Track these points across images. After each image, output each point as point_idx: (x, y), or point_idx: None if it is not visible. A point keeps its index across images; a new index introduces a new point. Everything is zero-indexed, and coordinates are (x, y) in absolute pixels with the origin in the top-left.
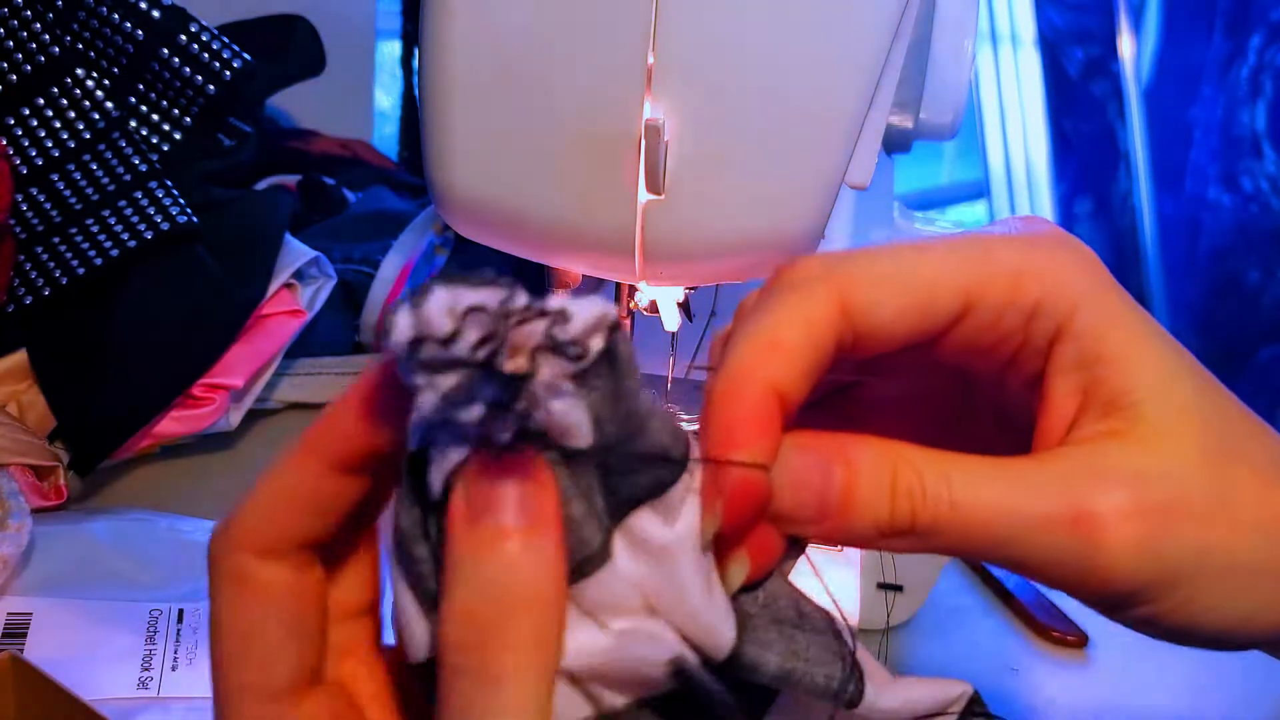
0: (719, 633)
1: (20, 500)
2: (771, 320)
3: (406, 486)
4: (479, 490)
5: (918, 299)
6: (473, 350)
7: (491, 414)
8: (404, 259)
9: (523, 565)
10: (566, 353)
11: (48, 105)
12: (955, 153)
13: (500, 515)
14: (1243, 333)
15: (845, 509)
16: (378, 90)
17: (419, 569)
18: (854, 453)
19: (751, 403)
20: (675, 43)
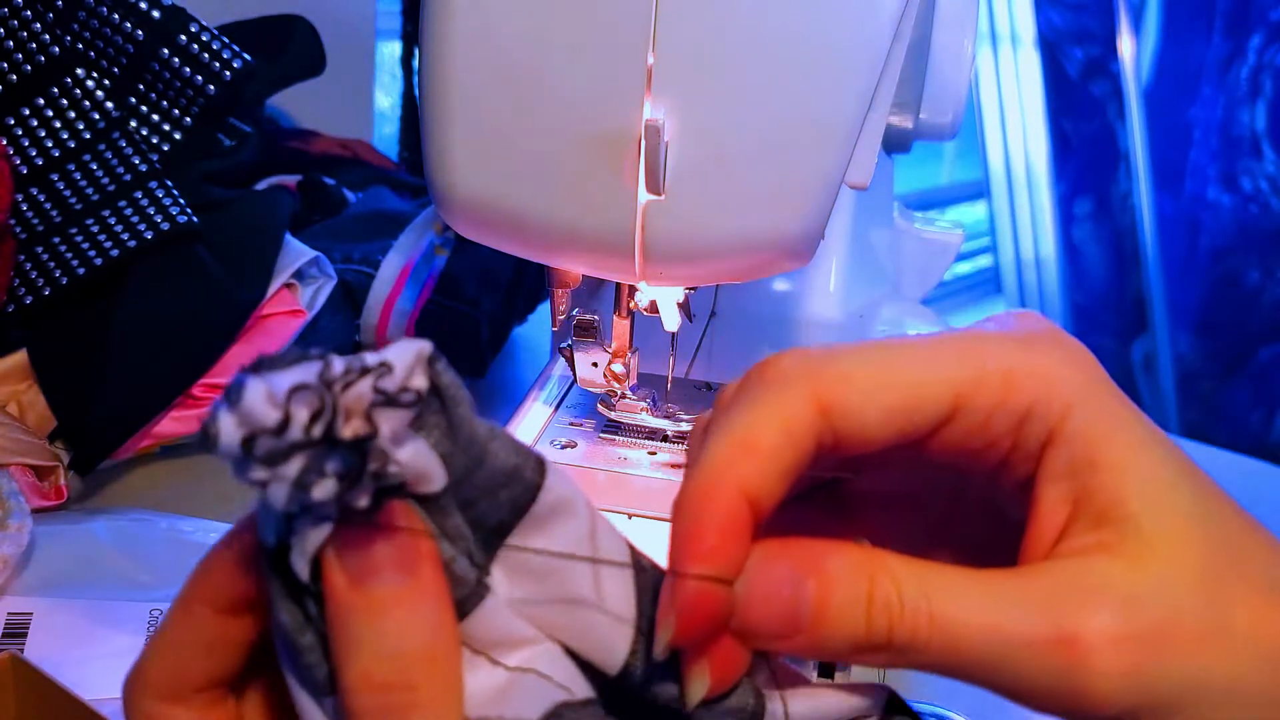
0: (612, 647)
1: (20, 500)
2: (747, 420)
3: (277, 584)
4: (351, 558)
5: (902, 401)
6: (307, 430)
7: (346, 484)
8: (404, 259)
9: (412, 621)
10: (400, 401)
11: (48, 105)
12: (955, 153)
13: (379, 577)
14: (1242, 333)
15: (818, 624)
16: (378, 90)
17: (307, 659)
18: (828, 563)
19: (719, 510)
20: (675, 43)
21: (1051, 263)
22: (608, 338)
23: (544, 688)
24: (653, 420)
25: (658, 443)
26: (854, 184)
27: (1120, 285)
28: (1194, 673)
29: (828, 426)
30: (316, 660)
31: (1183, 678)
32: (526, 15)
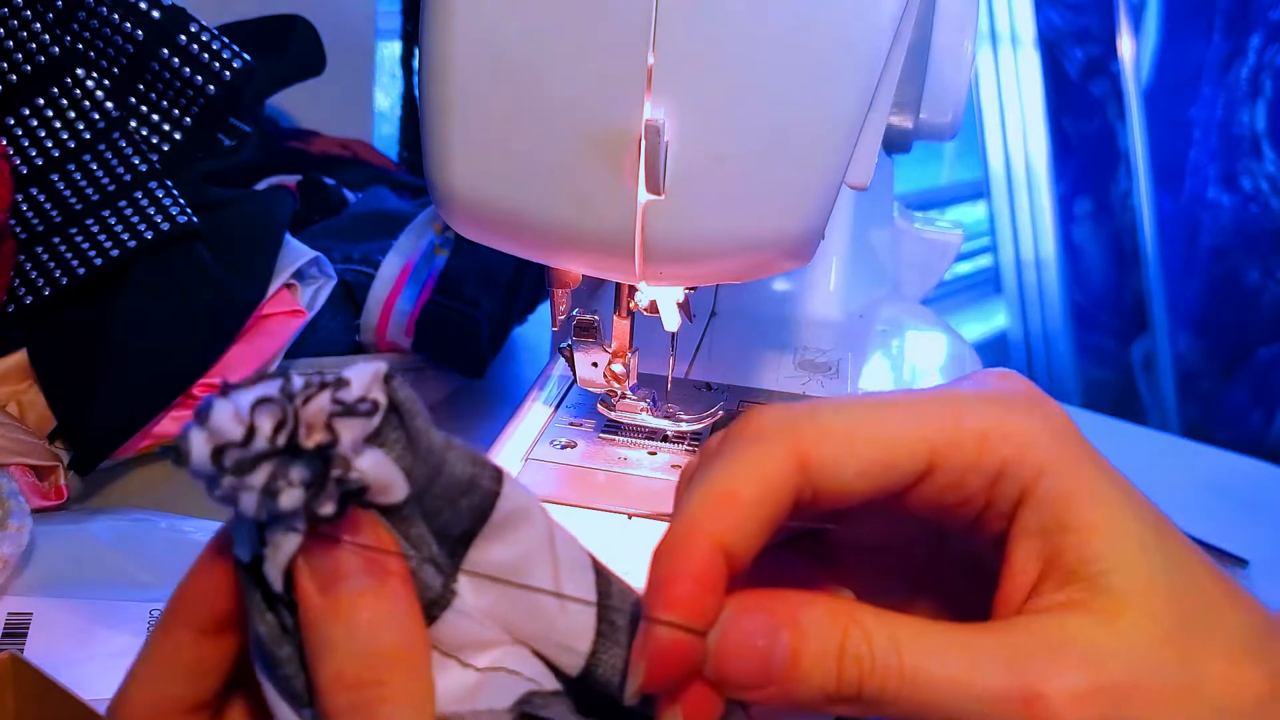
0: (573, 649)
1: (20, 500)
2: (726, 474)
3: (254, 598)
4: (321, 565)
5: (879, 457)
6: (272, 439)
7: (312, 492)
8: (404, 259)
9: (380, 621)
10: (359, 411)
11: (48, 105)
12: (955, 153)
13: (347, 582)
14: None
15: (789, 674)
16: (378, 90)
17: (285, 670)
18: (802, 615)
19: (694, 561)
20: (675, 43)
21: (1051, 263)
22: (608, 338)
23: (513, 681)
24: (653, 420)
25: (657, 443)
26: (854, 184)
27: (1120, 285)
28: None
29: (806, 480)
30: (294, 671)
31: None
32: (526, 15)
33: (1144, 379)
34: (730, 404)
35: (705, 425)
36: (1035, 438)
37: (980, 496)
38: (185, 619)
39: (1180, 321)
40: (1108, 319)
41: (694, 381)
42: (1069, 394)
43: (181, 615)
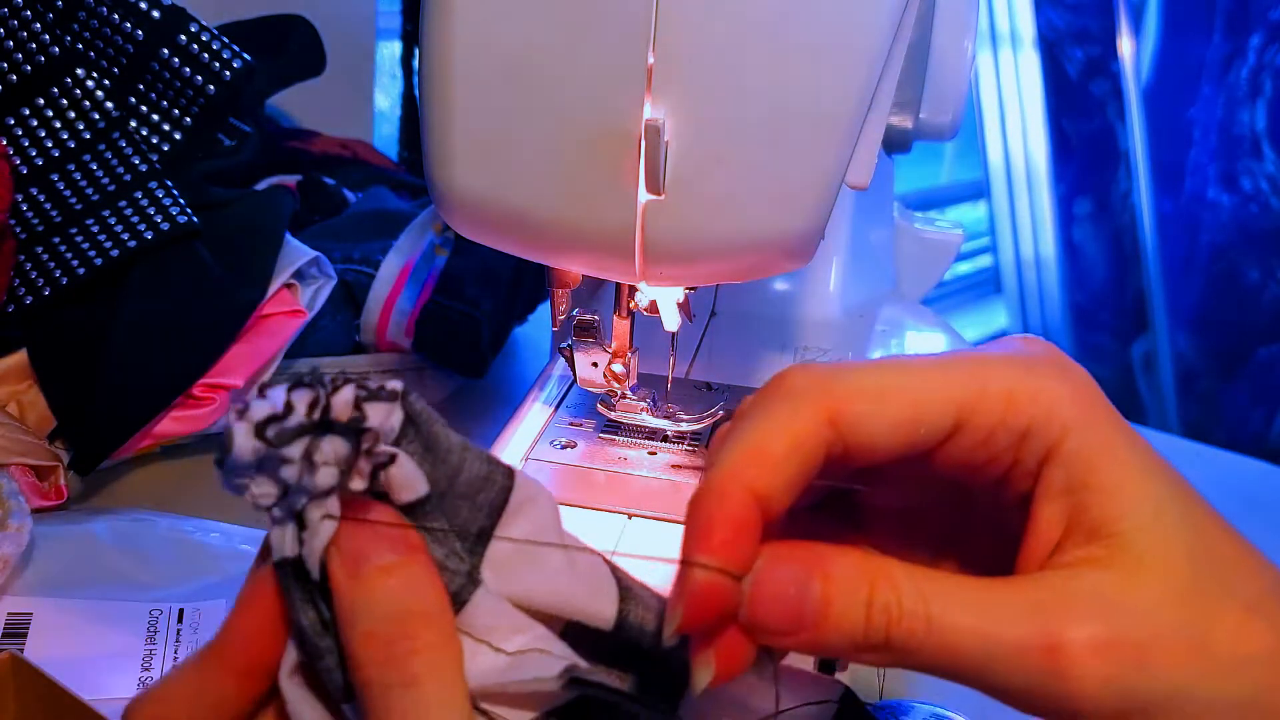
0: (601, 607)
1: (20, 500)
2: (760, 430)
3: (295, 594)
4: (351, 547)
5: (908, 415)
6: (308, 415)
7: (345, 465)
8: (404, 259)
9: (407, 586)
10: (381, 396)
11: (48, 105)
12: (955, 153)
13: (375, 557)
14: (1242, 332)
15: (820, 622)
16: (378, 90)
17: (326, 662)
18: (832, 566)
19: (730, 509)
20: (675, 43)
21: (1051, 262)
22: (608, 338)
23: (548, 660)
24: (652, 420)
25: (657, 443)
26: (854, 184)
27: (1120, 285)
28: (1175, 683)
29: (837, 437)
30: (334, 663)
31: (1164, 687)
32: (526, 15)
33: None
34: (730, 404)
35: (705, 425)
36: (1061, 398)
37: (1007, 455)
38: (221, 658)
39: (1180, 321)
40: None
41: (694, 381)
42: None
43: (219, 653)
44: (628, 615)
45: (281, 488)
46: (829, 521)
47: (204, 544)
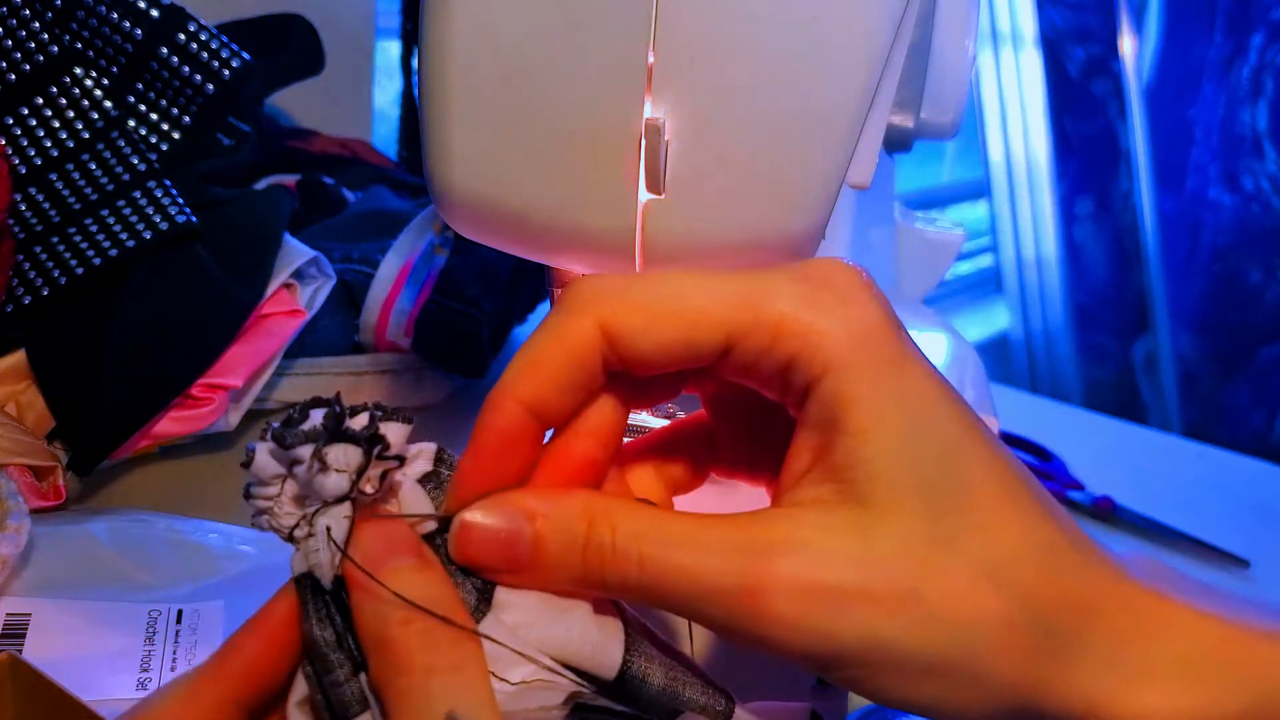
0: (608, 656)
1: (19, 500)
2: (536, 343)
3: (309, 606)
4: (370, 549)
5: (678, 336)
6: (323, 422)
7: (356, 476)
8: (404, 259)
9: (421, 581)
10: (397, 418)
11: (46, 105)
12: (956, 152)
13: (393, 559)
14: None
15: (537, 562)
16: (377, 90)
17: (336, 675)
18: (553, 508)
19: (497, 420)
20: (675, 43)
21: (1052, 262)
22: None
23: (553, 691)
24: (652, 420)
25: None
26: (855, 184)
27: (1121, 285)
28: (875, 634)
29: (610, 350)
30: (345, 676)
31: (862, 636)
32: (526, 15)
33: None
34: None
35: None
36: (827, 336)
37: (775, 382)
38: (218, 683)
39: (1181, 321)
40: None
41: None
42: (1070, 394)
43: (215, 679)
44: (630, 666)
45: (300, 509)
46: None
47: (203, 545)
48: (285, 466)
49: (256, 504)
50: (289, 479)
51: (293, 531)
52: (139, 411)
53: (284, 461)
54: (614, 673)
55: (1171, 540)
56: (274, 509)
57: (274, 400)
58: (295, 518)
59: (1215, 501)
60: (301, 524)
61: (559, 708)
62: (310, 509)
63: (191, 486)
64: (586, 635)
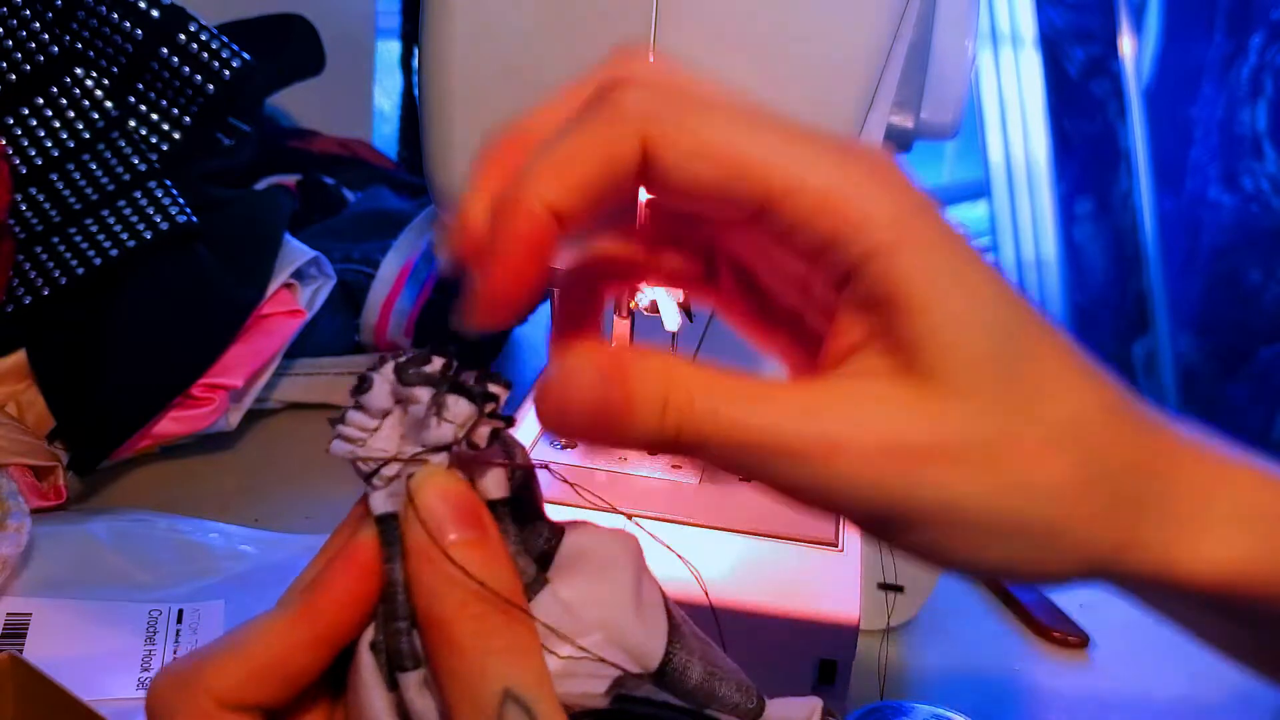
0: (653, 645)
1: (20, 500)
2: (573, 143)
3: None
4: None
5: (718, 177)
6: (443, 371)
7: (472, 415)
8: (404, 259)
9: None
10: (500, 381)
11: (47, 105)
12: (956, 152)
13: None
14: (1243, 332)
15: (620, 420)
16: (377, 90)
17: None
18: (633, 369)
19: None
20: (675, 43)
21: (1052, 262)
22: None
23: (599, 667)
24: None
25: None
26: None
27: (1121, 285)
28: (949, 496)
29: (644, 170)
30: (407, 627)
31: (937, 498)
32: (526, 14)
33: (1145, 379)
34: None
35: None
36: (873, 219)
37: (809, 254)
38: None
39: (1181, 321)
40: (1108, 319)
41: None
42: None
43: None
44: (672, 658)
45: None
46: None
47: (203, 544)
48: (395, 403)
49: (348, 431)
50: (389, 416)
51: (379, 469)
52: (139, 411)
53: (399, 398)
54: (656, 663)
55: None
56: (367, 440)
57: (274, 400)
58: (387, 455)
59: None
60: (392, 463)
61: (602, 695)
62: (407, 452)
63: (192, 486)
64: (638, 622)
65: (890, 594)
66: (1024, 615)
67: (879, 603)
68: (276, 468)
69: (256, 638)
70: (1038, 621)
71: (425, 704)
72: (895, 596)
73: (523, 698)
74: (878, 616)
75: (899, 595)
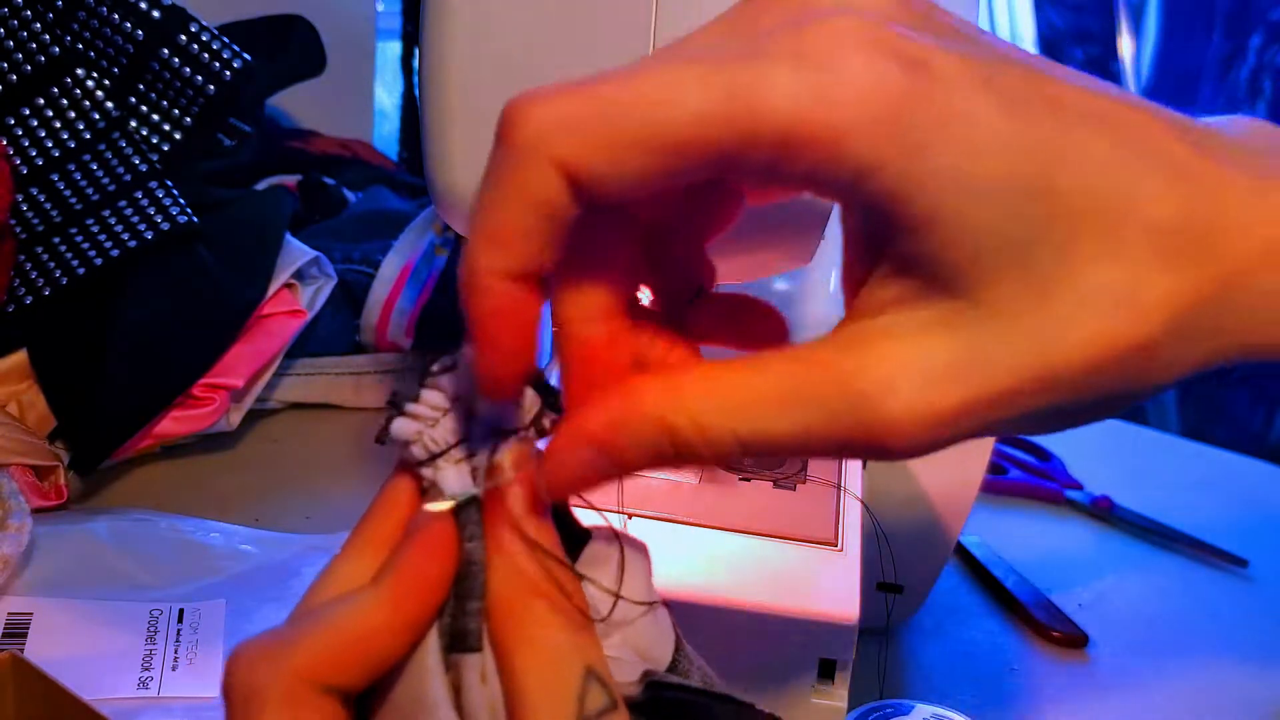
0: (660, 651)
1: (21, 500)
2: (490, 205)
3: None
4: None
5: (652, 163)
6: None
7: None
8: (404, 259)
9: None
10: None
11: (48, 105)
12: None
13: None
14: None
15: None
16: (378, 90)
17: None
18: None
19: (487, 303)
20: None
21: None
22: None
23: (629, 663)
24: None
25: None
26: None
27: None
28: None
29: (579, 191)
30: (479, 609)
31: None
32: (526, 15)
33: None
34: None
35: None
36: (847, 136)
37: (799, 186)
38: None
39: None
40: None
41: None
42: None
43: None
44: (678, 664)
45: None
46: None
47: (204, 544)
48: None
49: (420, 409)
50: (460, 401)
51: (447, 450)
52: (140, 411)
53: None
54: (664, 668)
55: (1170, 540)
56: (439, 419)
57: (275, 400)
58: (458, 436)
59: (1214, 501)
60: (461, 446)
61: (634, 684)
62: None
63: (193, 486)
64: (653, 624)
65: (890, 594)
66: (1023, 614)
67: (878, 602)
68: (277, 468)
69: (343, 619)
70: (1037, 621)
71: (481, 696)
72: (894, 596)
73: (603, 677)
74: (877, 616)
75: (898, 595)
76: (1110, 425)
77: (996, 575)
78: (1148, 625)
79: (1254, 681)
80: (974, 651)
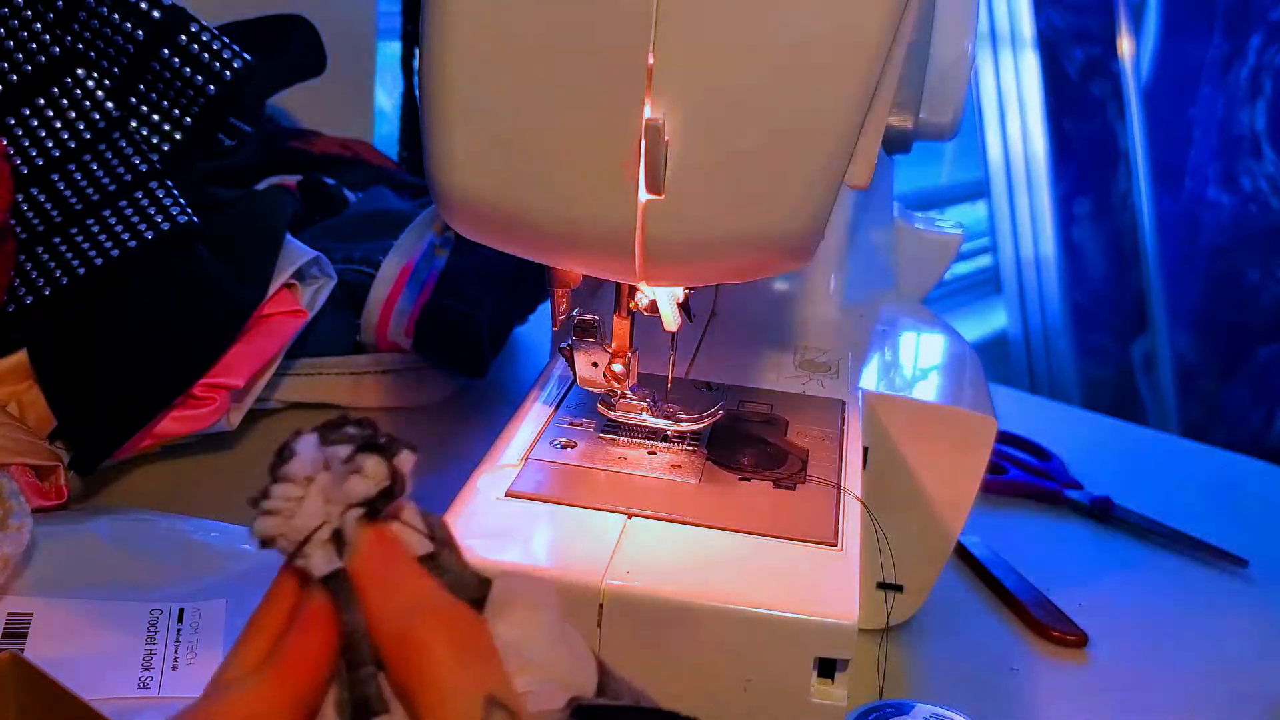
0: (583, 679)
1: (21, 500)
2: None
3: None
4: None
5: None
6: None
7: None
8: (404, 259)
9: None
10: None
11: (48, 105)
12: (955, 153)
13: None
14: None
15: None
16: (378, 90)
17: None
18: None
19: None
20: (675, 43)
21: (1051, 262)
22: (608, 338)
23: (553, 693)
24: (653, 420)
25: (658, 443)
26: (854, 184)
27: (1120, 285)
28: None
29: None
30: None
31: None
32: (526, 15)
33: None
34: (730, 404)
35: (705, 425)
36: None
37: None
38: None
39: (1180, 321)
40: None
41: (694, 381)
42: (1069, 394)
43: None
44: (605, 689)
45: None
46: None
47: (204, 544)
48: (321, 465)
49: (275, 504)
50: (313, 484)
51: (310, 537)
52: (141, 411)
53: (321, 460)
54: (592, 693)
55: (1170, 540)
56: (295, 509)
57: (275, 400)
58: (319, 519)
59: (1213, 501)
60: (324, 528)
61: (560, 711)
62: (335, 513)
63: (193, 486)
64: (569, 656)
65: (889, 593)
66: (1023, 614)
67: (878, 602)
68: None
69: (233, 703)
70: (1037, 621)
71: None
72: (894, 596)
73: (505, 703)
74: (877, 616)
75: (898, 595)
76: (1110, 425)
77: (996, 575)
78: (1148, 625)
79: (1253, 681)
80: (974, 651)
